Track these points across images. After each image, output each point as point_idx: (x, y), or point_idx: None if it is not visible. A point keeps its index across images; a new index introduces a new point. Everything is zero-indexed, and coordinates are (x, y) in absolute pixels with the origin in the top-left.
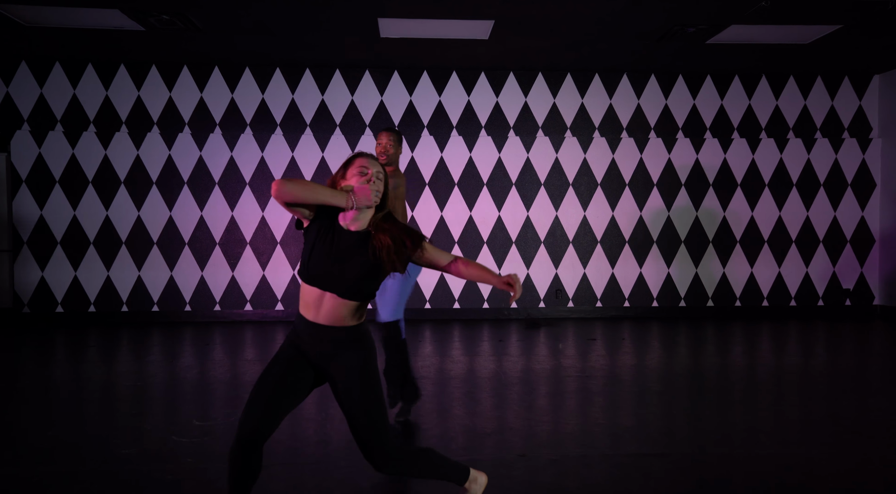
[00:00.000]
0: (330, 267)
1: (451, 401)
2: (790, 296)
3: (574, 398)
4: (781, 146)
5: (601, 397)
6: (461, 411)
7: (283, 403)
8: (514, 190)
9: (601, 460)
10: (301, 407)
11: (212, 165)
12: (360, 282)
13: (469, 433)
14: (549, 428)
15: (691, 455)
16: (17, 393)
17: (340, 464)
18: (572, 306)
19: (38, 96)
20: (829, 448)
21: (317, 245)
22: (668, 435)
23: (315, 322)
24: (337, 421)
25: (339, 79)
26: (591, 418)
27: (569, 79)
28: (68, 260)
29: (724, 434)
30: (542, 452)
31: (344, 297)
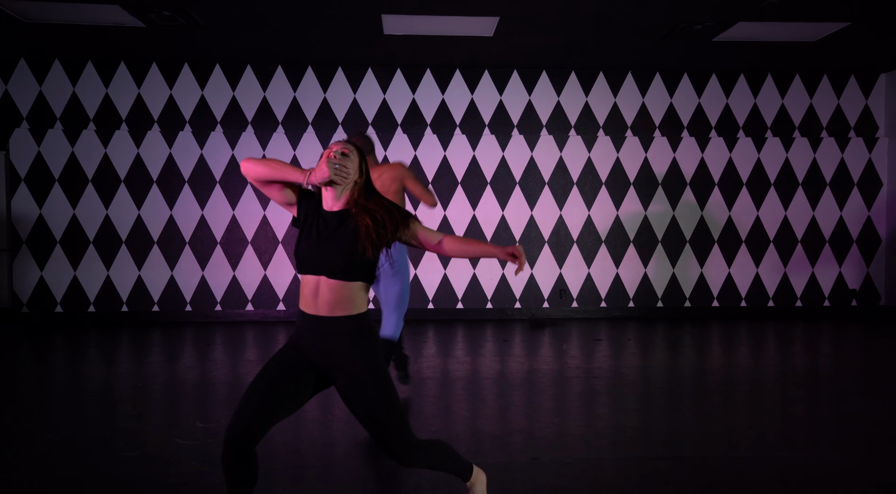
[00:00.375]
0: (316, 250)
1: (458, 402)
2: (796, 297)
3: (581, 399)
4: (787, 145)
5: (608, 398)
6: (467, 412)
7: (278, 406)
8: (518, 189)
9: (611, 463)
10: (305, 408)
11: (213, 164)
12: (346, 260)
13: (476, 434)
14: (557, 430)
15: (701, 458)
16: (17, 395)
17: (348, 467)
18: (576, 306)
19: (38, 94)
20: (838, 451)
21: (303, 231)
22: (678, 438)
23: (315, 314)
24: (343, 423)
25: (342, 76)
26: (599, 420)
27: (573, 77)
28: (68, 259)
29: (734, 437)
30: (551, 454)
31: (334, 277)
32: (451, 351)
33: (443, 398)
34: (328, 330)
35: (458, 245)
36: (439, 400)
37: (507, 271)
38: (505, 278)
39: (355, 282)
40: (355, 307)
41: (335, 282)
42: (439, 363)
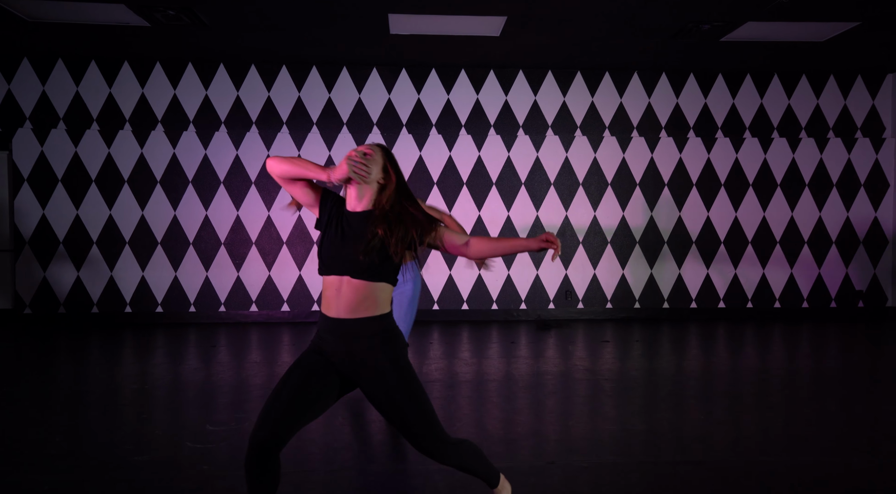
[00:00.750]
0: (340, 250)
1: (467, 405)
2: (802, 298)
3: (591, 402)
4: (794, 145)
5: (618, 401)
6: (478, 415)
7: (302, 411)
8: (524, 189)
9: (636, 467)
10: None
11: (217, 164)
12: (369, 260)
13: (488, 438)
14: (569, 434)
15: (714, 462)
16: (23, 397)
17: (379, 470)
18: (582, 307)
19: (41, 94)
20: (851, 454)
21: (327, 232)
22: (703, 441)
23: (336, 317)
24: (374, 424)
25: (347, 76)
26: (610, 422)
27: (579, 77)
28: (71, 260)
29: (745, 440)
30: (574, 459)
31: (358, 277)
32: (458, 352)
33: (452, 401)
34: (351, 333)
35: (487, 245)
36: (449, 403)
37: (513, 272)
38: (510, 279)
39: (379, 283)
40: (378, 308)
41: (358, 282)
42: (447, 365)
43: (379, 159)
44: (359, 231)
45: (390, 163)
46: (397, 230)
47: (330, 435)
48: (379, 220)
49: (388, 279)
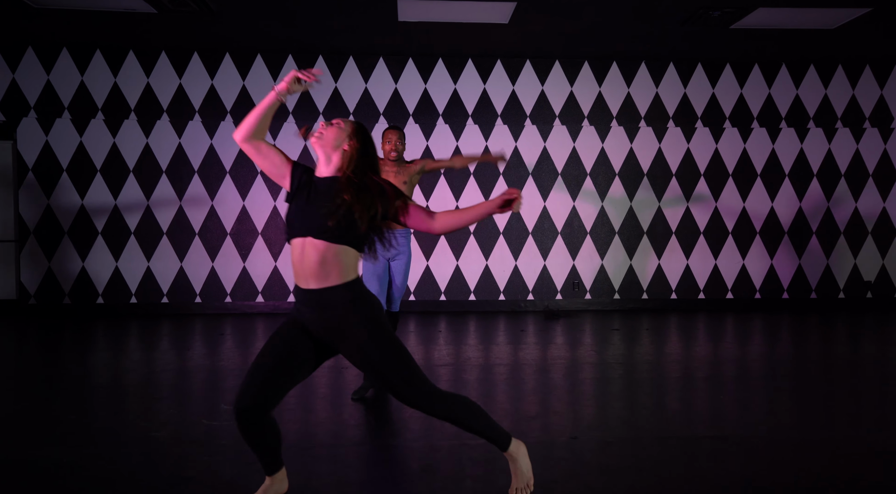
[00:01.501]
0: (306, 211)
1: (493, 388)
2: (811, 289)
3: (614, 384)
4: (802, 136)
5: (642, 384)
6: (505, 396)
7: (282, 378)
8: (531, 180)
9: (651, 442)
10: (341, 388)
11: (223, 154)
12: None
13: (516, 415)
14: (599, 413)
15: (742, 437)
16: (34, 384)
17: (385, 445)
18: (590, 298)
19: (45, 83)
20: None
21: (295, 199)
22: (725, 418)
23: (307, 288)
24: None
25: (353, 66)
26: (636, 403)
27: (586, 67)
28: (76, 250)
29: (773, 417)
30: (597, 435)
31: (320, 237)
32: (471, 340)
33: (465, 384)
34: (323, 303)
35: (453, 216)
36: (462, 386)
37: (521, 263)
38: (518, 270)
39: (341, 246)
40: (344, 274)
41: (320, 243)
42: (465, 351)
43: (347, 129)
44: (325, 194)
45: (357, 134)
46: (364, 198)
47: (336, 412)
48: (345, 186)
49: (352, 243)
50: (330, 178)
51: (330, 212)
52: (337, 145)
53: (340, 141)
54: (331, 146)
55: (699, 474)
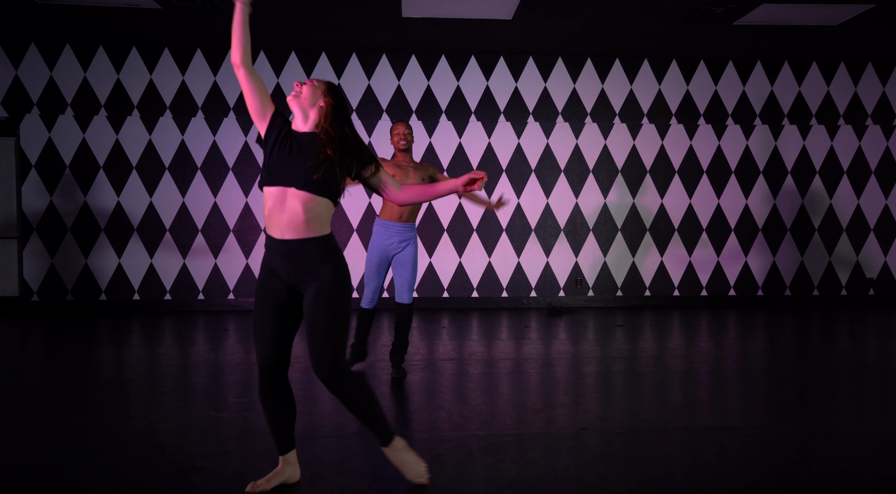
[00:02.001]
0: (288, 162)
1: (497, 381)
2: (813, 286)
3: (623, 377)
4: (804, 133)
5: (650, 377)
6: (509, 390)
7: (286, 329)
8: (534, 176)
9: (670, 433)
10: None
11: (226, 150)
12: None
13: (520, 408)
14: (607, 406)
15: (745, 428)
16: (40, 379)
17: None
18: (592, 295)
19: (48, 79)
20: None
21: (275, 149)
22: (733, 411)
23: (282, 238)
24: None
25: (356, 62)
26: (645, 395)
27: (589, 64)
28: (79, 247)
29: (777, 409)
30: (607, 425)
31: (303, 189)
32: (476, 336)
33: (482, 378)
34: (298, 253)
35: (418, 189)
36: (478, 380)
37: (523, 260)
38: (521, 267)
39: (322, 198)
40: (321, 228)
41: (304, 194)
42: (467, 346)
43: (321, 88)
44: (307, 148)
45: (331, 92)
46: (344, 153)
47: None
48: (328, 141)
49: (331, 197)
50: (310, 133)
51: (315, 166)
52: (313, 102)
53: (316, 98)
54: (308, 103)
55: (704, 463)
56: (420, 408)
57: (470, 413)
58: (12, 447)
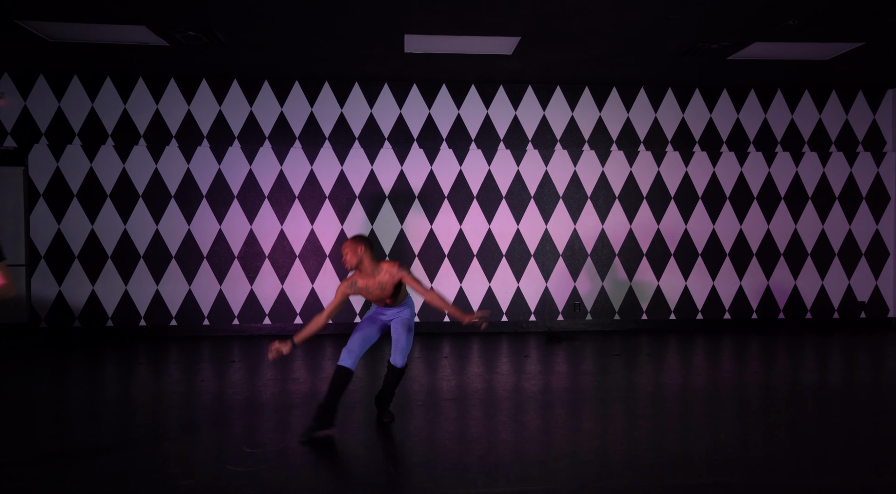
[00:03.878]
0: None
1: (497, 424)
2: (806, 309)
3: (618, 419)
4: (797, 159)
5: (645, 419)
6: (510, 436)
7: None
8: (533, 203)
9: (659, 491)
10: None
11: (230, 178)
12: None
13: (522, 460)
14: (601, 454)
15: (745, 486)
16: (49, 414)
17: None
18: (591, 319)
19: (56, 110)
20: (879, 476)
21: None
22: (720, 462)
23: None
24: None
25: (358, 92)
26: (640, 443)
27: (587, 92)
28: (86, 274)
29: (773, 461)
30: (600, 483)
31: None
32: (478, 367)
33: (483, 418)
34: None
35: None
36: (478, 422)
37: (523, 284)
38: (520, 291)
39: None
40: None
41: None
42: (467, 380)
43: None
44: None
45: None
46: None
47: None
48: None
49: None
50: None
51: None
52: None
53: None
54: None
55: None
56: (426, 462)
57: (471, 462)
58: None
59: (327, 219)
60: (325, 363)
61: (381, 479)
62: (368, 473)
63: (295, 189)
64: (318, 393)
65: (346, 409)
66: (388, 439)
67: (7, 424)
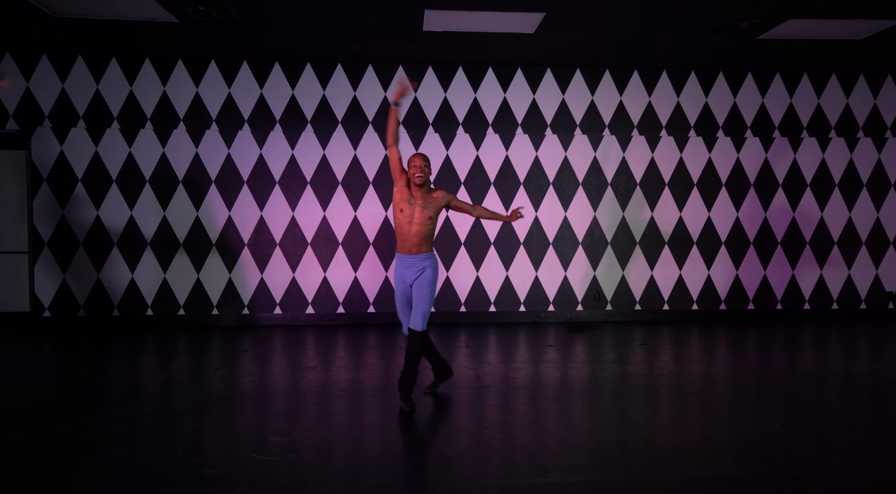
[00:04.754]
0: None
1: (538, 413)
2: (832, 299)
3: (657, 408)
4: (823, 145)
5: (684, 407)
6: (555, 425)
7: None
8: (552, 189)
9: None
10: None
11: (240, 163)
12: None
13: (569, 450)
14: (648, 443)
15: (822, 474)
16: (63, 405)
17: None
18: (611, 309)
19: (60, 91)
20: None
21: None
22: (787, 451)
23: None
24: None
25: (372, 74)
26: (688, 431)
27: (607, 75)
28: (91, 262)
29: (827, 453)
30: (665, 472)
31: None
32: (502, 356)
33: (520, 407)
34: None
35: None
36: (516, 411)
37: (541, 273)
38: (538, 280)
39: None
40: None
41: None
42: (495, 369)
43: None
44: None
45: None
46: None
47: None
48: None
49: None
50: None
51: None
52: None
53: None
54: None
55: None
56: (467, 451)
57: (515, 453)
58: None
59: (340, 205)
60: (340, 351)
61: (422, 468)
62: (407, 462)
63: (307, 174)
64: (333, 381)
65: (376, 395)
66: (425, 427)
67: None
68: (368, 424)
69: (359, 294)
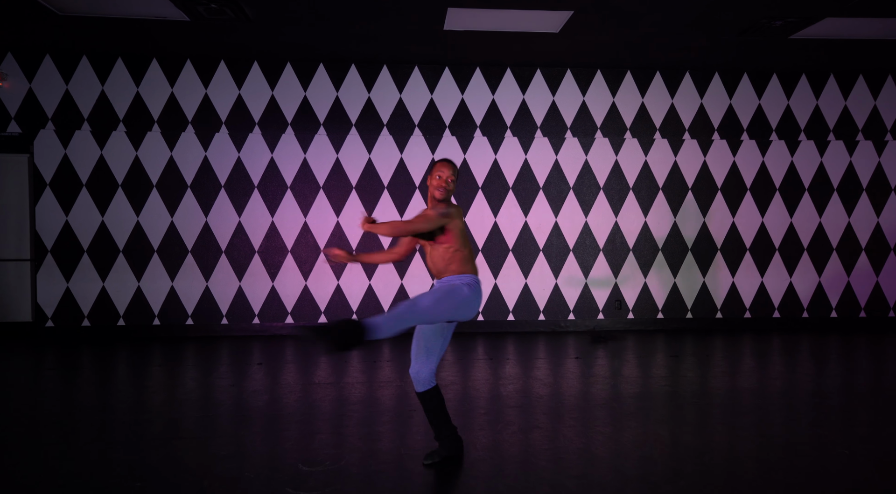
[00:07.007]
0: None
1: (581, 437)
2: (860, 307)
3: (723, 430)
4: (851, 149)
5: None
6: (601, 450)
7: None
8: (572, 194)
9: None
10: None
11: (250, 167)
12: None
13: (624, 480)
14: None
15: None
16: (64, 420)
17: None
18: (633, 318)
19: (64, 93)
20: None
21: None
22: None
23: None
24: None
25: (387, 75)
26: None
27: (629, 77)
28: (96, 269)
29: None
30: None
31: None
32: (529, 370)
33: (564, 430)
34: None
35: None
36: (561, 434)
37: (561, 281)
38: (558, 288)
39: None
40: None
41: None
42: (523, 385)
43: None
44: None
45: None
46: None
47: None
48: None
49: None
50: None
51: None
52: None
53: None
54: None
55: None
56: (520, 485)
57: (576, 490)
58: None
59: (354, 210)
60: (352, 362)
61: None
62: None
63: (319, 179)
64: (347, 400)
65: (407, 417)
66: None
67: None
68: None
69: (373, 302)
